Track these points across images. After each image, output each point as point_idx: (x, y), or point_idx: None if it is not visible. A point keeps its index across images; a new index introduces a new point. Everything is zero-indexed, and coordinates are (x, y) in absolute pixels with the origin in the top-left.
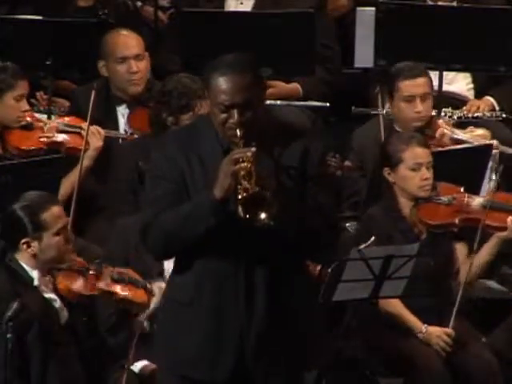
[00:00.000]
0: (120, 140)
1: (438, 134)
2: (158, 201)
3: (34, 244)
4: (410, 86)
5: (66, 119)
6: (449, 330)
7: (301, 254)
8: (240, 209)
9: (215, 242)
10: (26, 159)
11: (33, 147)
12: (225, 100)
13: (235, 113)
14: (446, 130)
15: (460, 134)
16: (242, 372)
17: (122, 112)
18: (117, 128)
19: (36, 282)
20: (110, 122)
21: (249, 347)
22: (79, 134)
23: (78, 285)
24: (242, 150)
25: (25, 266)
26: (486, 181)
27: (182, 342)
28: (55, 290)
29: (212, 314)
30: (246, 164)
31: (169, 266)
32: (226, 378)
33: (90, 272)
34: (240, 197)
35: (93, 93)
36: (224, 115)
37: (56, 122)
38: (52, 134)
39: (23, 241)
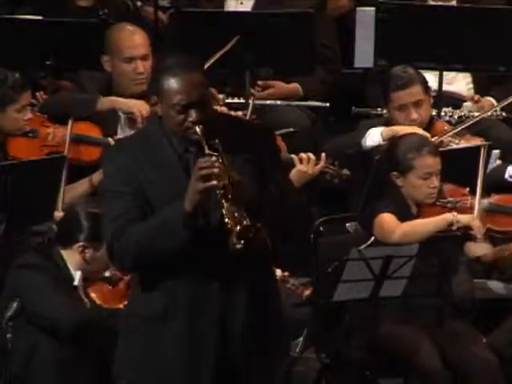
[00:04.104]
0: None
1: (436, 141)
2: (121, 215)
3: (89, 251)
4: (402, 96)
5: (76, 129)
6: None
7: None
8: (234, 239)
9: (187, 252)
10: (26, 159)
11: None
12: (181, 100)
13: (193, 111)
14: (443, 138)
15: (455, 144)
16: None
17: None
18: (116, 123)
19: (76, 283)
20: (109, 117)
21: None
22: (89, 144)
23: (106, 295)
24: (206, 164)
25: (69, 264)
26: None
27: (155, 356)
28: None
29: (187, 327)
30: (216, 183)
31: None
32: None
33: (120, 282)
34: (232, 227)
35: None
36: (181, 116)
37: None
38: (56, 144)
39: (80, 244)
